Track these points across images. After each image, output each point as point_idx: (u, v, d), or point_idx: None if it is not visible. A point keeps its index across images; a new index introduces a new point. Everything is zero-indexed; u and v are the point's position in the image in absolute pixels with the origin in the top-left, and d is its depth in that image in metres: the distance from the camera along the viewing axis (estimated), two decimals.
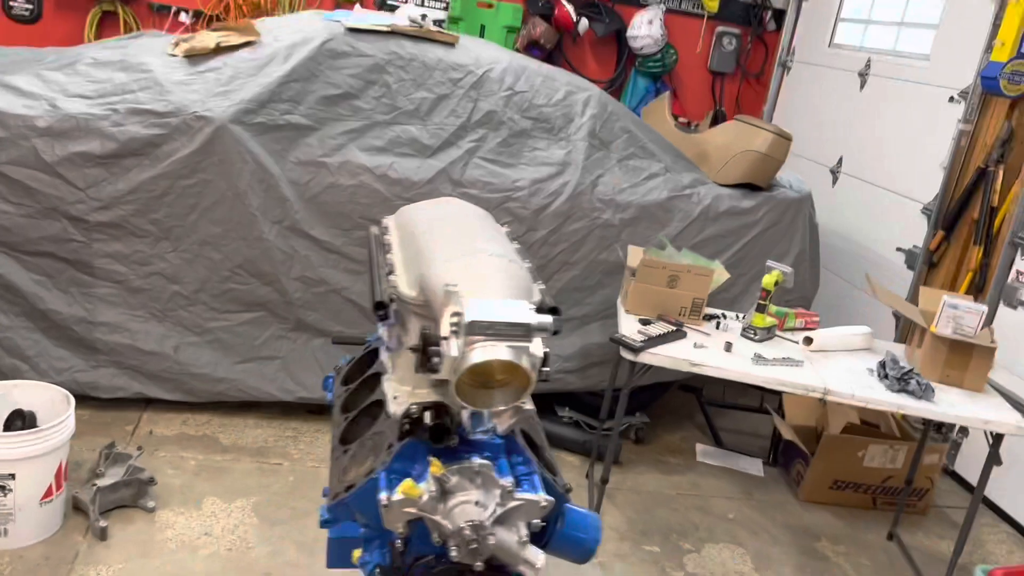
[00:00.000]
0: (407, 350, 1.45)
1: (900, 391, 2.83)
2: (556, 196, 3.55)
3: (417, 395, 1.45)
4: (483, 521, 1.31)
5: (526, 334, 1.19)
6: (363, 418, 1.66)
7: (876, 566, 3.30)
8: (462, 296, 1.22)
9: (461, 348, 1.19)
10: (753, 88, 6.28)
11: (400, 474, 1.43)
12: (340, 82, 3.44)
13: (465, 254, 1.33)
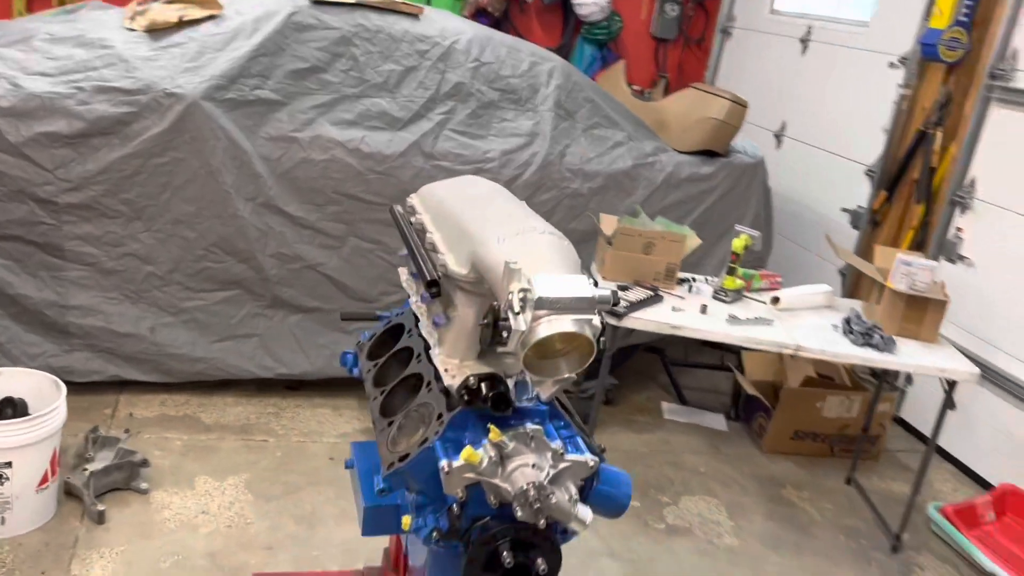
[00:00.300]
0: (457, 325, 1.51)
1: (865, 345, 3.01)
2: (526, 167, 3.61)
3: (466, 367, 1.51)
4: (543, 482, 1.39)
5: (590, 307, 1.27)
6: (399, 391, 1.72)
7: (838, 509, 3.52)
8: (525, 273, 1.29)
9: (529, 322, 1.26)
10: (695, 54, 6.41)
11: (453, 442, 1.50)
12: (307, 56, 3.41)
13: (519, 232, 1.39)
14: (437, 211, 1.70)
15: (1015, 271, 3.74)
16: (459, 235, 1.53)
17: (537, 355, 1.29)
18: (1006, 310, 3.75)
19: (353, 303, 3.56)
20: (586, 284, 1.28)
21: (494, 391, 1.42)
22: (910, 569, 3.18)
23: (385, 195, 3.46)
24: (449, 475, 1.42)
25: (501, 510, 1.48)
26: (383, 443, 1.59)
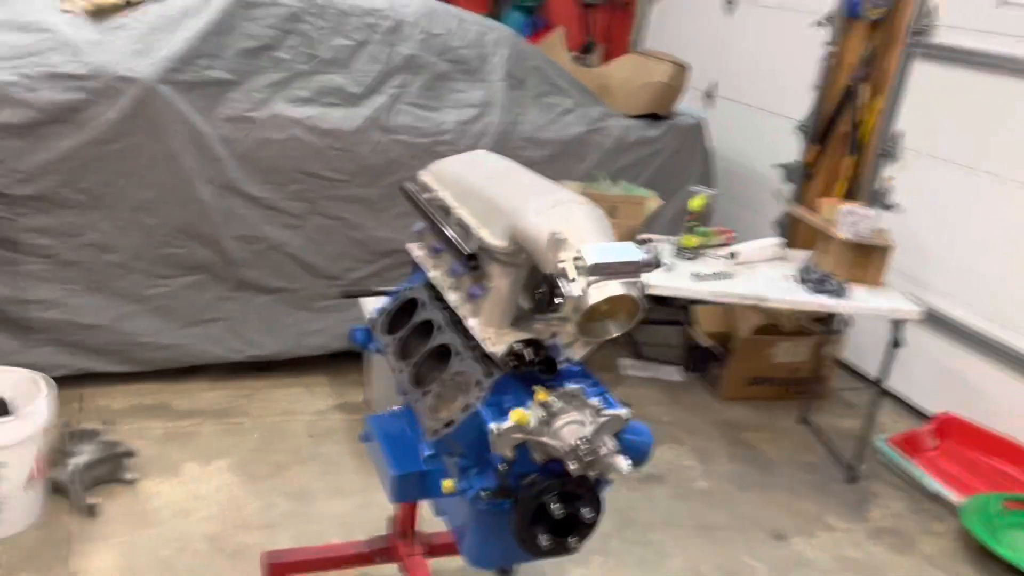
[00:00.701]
0: (494, 295, 1.58)
1: (820, 292, 3.20)
2: (482, 136, 3.66)
3: (504, 334, 1.58)
4: (591, 437, 1.48)
5: (636, 270, 1.36)
6: (428, 362, 1.78)
7: (794, 447, 3.74)
8: (572, 242, 1.37)
9: (584, 288, 1.33)
10: (621, 18, 6.52)
11: (495, 406, 1.57)
12: (258, 33, 3.37)
13: (556, 204, 1.46)
14: (457, 187, 1.75)
15: (942, 215, 4.00)
16: (490, 209, 1.59)
17: (586, 318, 1.37)
18: (936, 252, 4.01)
19: (318, 281, 3.56)
20: (632, 249, 1.36)
21: (542, 355, 1.50)
22: (865, 497, 3.42)
23: (345, 171, 3.46)
24: (500, 436, 1.49)
25: (545, 466, 1.57)
26: (423, 412, 1.65)
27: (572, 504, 1.57)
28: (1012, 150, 3.69)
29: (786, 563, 2.94)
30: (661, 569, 2.81)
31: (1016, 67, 3.66)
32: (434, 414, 1.62)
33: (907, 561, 3.05)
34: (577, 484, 1.57)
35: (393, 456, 1.92)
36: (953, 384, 3.95)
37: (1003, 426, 3.69)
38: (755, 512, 3.21)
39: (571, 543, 1.59)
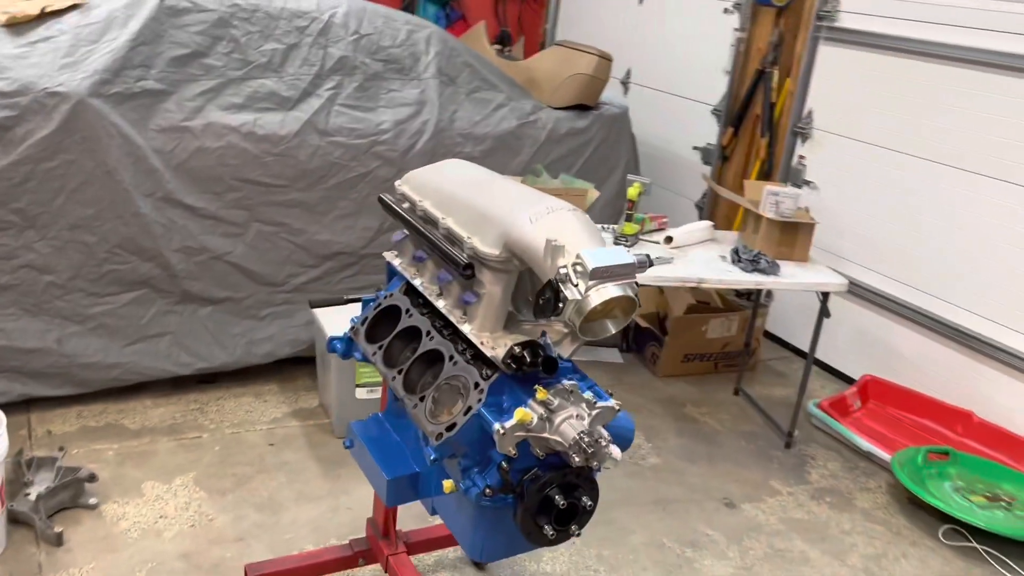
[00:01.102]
0: (487, 301, 1.64)
1: (754, 270, 3.38)
2: (420, 135, 3.69)
3: (500, 338, 1.66)
4: (589, 430, 1.57)
5: (632, 272, 1.45)
6: (417, 367, 1.84)
7: (733, 417, 3.94)
8: (569, 249, 1.45)
9: (584, 292, 1.42)
10: (532, 8, 6.61)
11: (494, 406, 1.65)
12: (187, 41, 3.31)
13: (548, 212, 1.53)
14: (440, 197, 1.81)
15: (853, 190, 4.26)
16: (479, 218, 1.65)
17: (587, 319, 1.46)
18: (851, 225, 4.27)
19: (262, 289, 3.55)
20: (625, 252, 1.45)
21: (543, 356, 1.58)
22: (803, 460, 3.65)
23: (284, 176, 3.45)
24: (504, 436, 1.57)
25: (544, 460, 1.66)
26: (421, 417, 1.71)
27: (572, 494, 1.66)
28: (913, 126, 3.95)
29: (739, 529, 3.12)
30: (625, 545, 2.95)
31: (913, 48, 3.92)
32: (434, 418, 1.69)
33: (847, 517, 3.27)
34: (576, 475, 1.66)
35: (383, 461, 1.98)
36: (872, 348, 4.23)
37: (920, 384, 3.98)
38: (705, 483, 3.38)
39: (573, 530, 1.68)
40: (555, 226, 1.51)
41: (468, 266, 1.62)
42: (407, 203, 1.93)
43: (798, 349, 4.64)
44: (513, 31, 6.52)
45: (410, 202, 1.91)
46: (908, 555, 3.08)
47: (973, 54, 3.68)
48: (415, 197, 1.89)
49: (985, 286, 3.73)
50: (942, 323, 3.90)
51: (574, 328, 1.47)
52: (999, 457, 3.57)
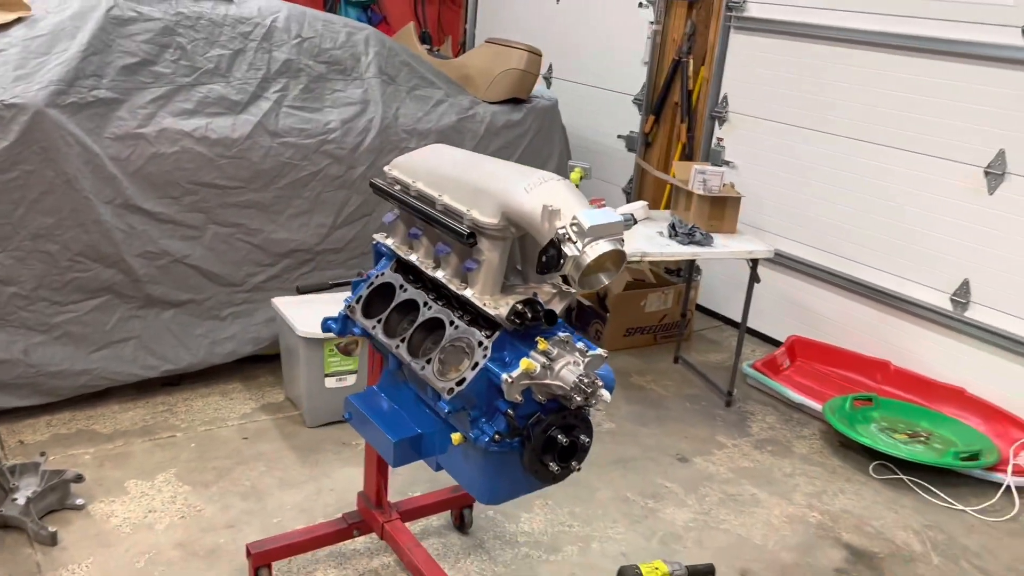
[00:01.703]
0: (486, 266, 1.83)
1: (690, 243, 3.66)
2: (366, 133, 3.84)
3: (500, 299, 1.84)
4: (587, 372, 1.78)
5: (621, 229, 1.66)
6: (417, 335, 2.01)
7: (676, 382, 4.22)
8: (565, 212, 1.65)
9: (582, 248, 1.62)
10: (451, 8, 6.80)
11: (498, 360, 1.83)
12: (135, 50, 3.38)
13: (540, 182, 1.73)
14: (432, 177, 1.98)
15: (769, 166, 4.61)
16: (475, 192, 1.83)
17: (584, 273, 1.67)
18: (768, 199, 4.61)
19: (223, 289, 3.63)
20: (614, 213, 1.66)
21: (544, 310, 1.78)
22: (744, 416, 3.95)
23: (238, 178, 3.54)
24: (512, 384, 1.76)
25: (545, 405, 1.85)
26: (430, 376, 1.89)
27: (571, 433, 1.86)
28: (820, 104, 4.31)
29: (694, 479, 3.38)
30: (594, 501, 3.17)
31: (816, 33, 4.27)
32: (443, 377, 1.86)
33: (788, 462, 3.58)
34: (574, 416, 1.87)
35: (386, 426, 2.14)
36: (796, 311, 4.58)
37: (842, 340, 4.34)
38: (659, 442, 3.64)
39: (574, 465, 1.88)
40: (549, 194, 1.71)
41: (471, 235, 1.80)
42: (399, 186, 2.09)
43: (728, 318, 4.97)
44: (434, 32, 6.70)
45: (402, 184, 2.07)
46: (845, 490, 3.40)
47: (870, 36, 4.06)
48: (407, 179, 2.05)
49: (894, 247, 4.11)
50: (858, 283, 4.27)
51: (573, 281, 1.67)
52: (915, 399, 3.95)
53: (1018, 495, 3.43)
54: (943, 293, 3.94)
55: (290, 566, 2.66)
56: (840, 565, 2.94)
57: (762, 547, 3.00)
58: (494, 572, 2.73)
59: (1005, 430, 3.68)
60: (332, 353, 3.38)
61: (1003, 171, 3.66)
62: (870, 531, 3.14)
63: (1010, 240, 3.67)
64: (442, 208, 1.91)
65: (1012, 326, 3.71)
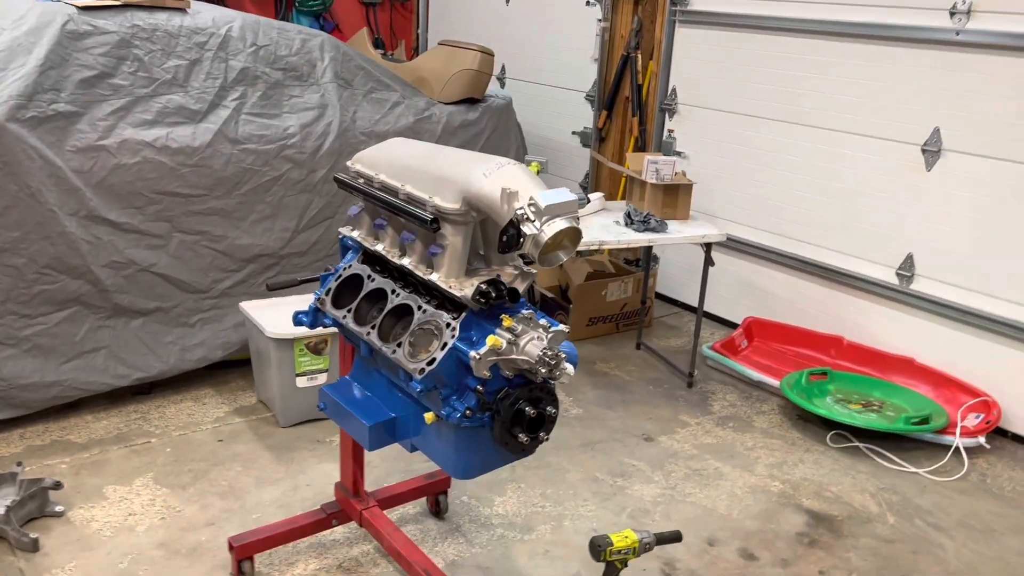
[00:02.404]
0: (450, 251, 1.92)
1: (646, 230, 3.79)
2: (325, 136, 3.91)
3: (465, 281, 1.94)
4: (550, 346, 1.87)
5: (575, 207, 1.77)
6: (386, 321, 2.09)
7: (639, 367, 4.35)
8: (522, 193, 1.75)
9: (540, 227, 1.72)
10: (402, 14, 6.88)
11: (466, 340, 1.93)
12: (92, 63, 3.41)
13: (497, 167, 1.82)
14: (394, 169, 2.07)
15: (718, 155, 4.76)
16: (437, 180, 1.93)
17: (543, 251, 1.77)
18: (718, 187, 4.76)
19: (190, 296, 3.67)
20: (568, 192, 1.77)
21: (507, 288, 1.88)
22: (705, 396, 4.09)
23: (200, 186, 3.59)
24: (479, 361, 1.86)
25: (511, 380, 1.95)
26: (402, 359, 1.98)
27: (539, 405, 1.96)
28: (765, 92, 4.47)
29: (660, 457, 3.50)
30: (564, 482, 3.27)
31: (758, 23, 4.44)
32: (414, 359, 1.95)
33: (749, 437, 3.72)
34: (540, 389, 1.97)
35: (361, 412, 2.22)
36: (751, 294, 4.74)
37: (796, 319, 4.50)
38: (624, 424, 3.76)
39: (542, 436, 1.98)
40: (506, 177, 1.81)
41: (434, 220, 1.90)
42: (362, 179, 2.18)
43: (686, 304, 5.12)
44: (386, 37, 6.77)
45: (365, 178, 2.16)
46: (804, 460, 3.55)
47: (808, 25, 4.22)
48: (369, 172, 2.14)
49: (840, 226, 4.28)
50: (808, 263, 4.43)
51: (532, 259, 1.77)
52: (868, 371, 4.12)
53: (967, 455, 3.60)
54: (889, 268, 4.12)
55: (271, 559, 2.73)
56: (802, 529, 3.07)
57: (727, 516, 3.12)
58: (471, 554, 2.82)
59: (953, 395, 3.86)
60: (302, 352, 3.45)
61: (939, 148, 3.84)
62: (829, 496, 3.29)
63: (949, 214, 3.85)
64: (405, 197, 2.00)
65: (955, 296, 3.89)
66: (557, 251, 1.81)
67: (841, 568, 2.86)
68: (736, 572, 2.81)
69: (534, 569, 2.76)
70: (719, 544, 2.95)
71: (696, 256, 4.11)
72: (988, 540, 3.08)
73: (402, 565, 2.52)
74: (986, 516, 3.23)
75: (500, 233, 1.76)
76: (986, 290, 3.78)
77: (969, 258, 3.81)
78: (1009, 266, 3.69)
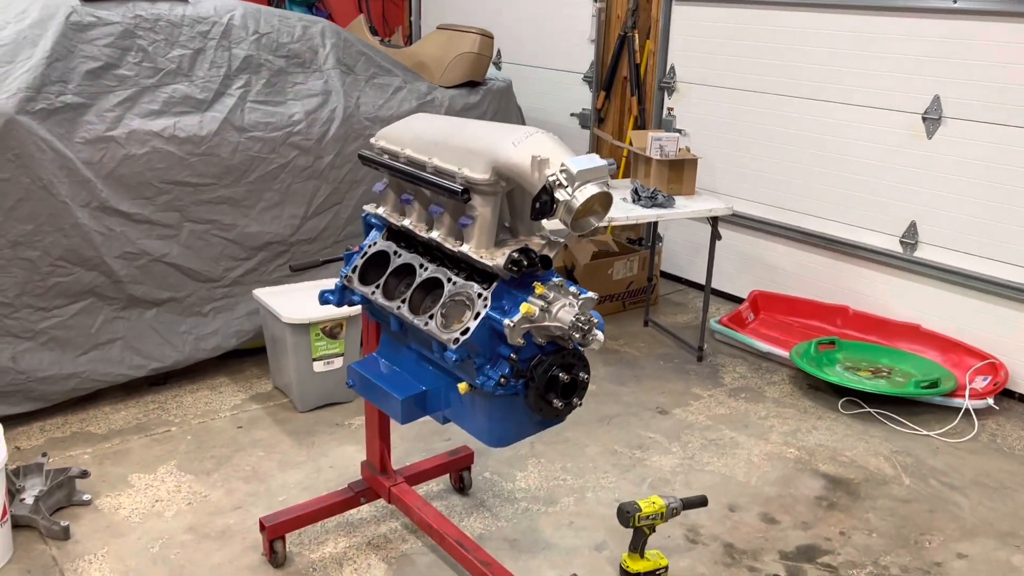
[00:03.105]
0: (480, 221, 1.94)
1: (654, 206, 3.82)
2: (330, 123, 3.92)
3: (496, 251, 1.96)
4: (583, 314, 1.90)
5: (605, 173, 1.79)
6: (417, 294, 2.12)
7: (648, 344, 4.39)
8: (552, 161, 1.77)
9: (572, 193, 1.75)
10: (394, 2, 6.87)
11: (498, 309, 1.95)
12: (97, 54, 3.41)
13: (526, 136, 1.85)
14: (420, 144, 2.08)
15: (718, 131, 4.79)
16: (464, 152, 1.95)
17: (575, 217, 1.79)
18: (720, 163, 4.80)
19: (202, 286, 3.69)
20: (598, 158, 1.79)
21: (539, 256, 1.90)
22: (715, 369, 4.13)
23: (209, 175, 3.60)
24: (513, 329, 1.88)
25: (544, 347, 1.98)
26: (435, 331, 2.00)
27: (571, 371, 1.99)
28: (763, 66, 4.50)
29: (676, 429, 3.54)
30: (584, 456, 3.31)
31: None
32: (447, 330, 1.98)
33: (762, 406, 3.76)
34: (572, 355, 1.99)
35: (392, 386, 2.25)
36: (756, 268, 4.78)
37: (801, 290, 4.55)
38: (638, 399, 3.80)
39: (575, 401, 2.01)
40: (536, 145, 1.83)
41: (465, 191, 1.92)
42: (387, 155, 2.19)
43: (692, 281, 5.15)
44: (379, 26, 6.76)
45: (390, 153, 2.18)
46: (817, 427, 3.60)
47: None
48: (394, 148, 2.16)
49: (843, 197, 4.32)
50: (812, 235, 4.48)
51: (566, 224, 1.80)
52: (875, 339, 4.17)
53: (976, 417, 3.66)
54: (892, 236, 4.16)
55: (301, 538, 2.75)
56: (820, 493, 3.12)
57: (746, 483, 3.16)
58: (498, 527, 2.86)
59: (960, 359, 3.91)
60: (318, 337, 3.47)
61: (939, 115, 3.88)
62: (845, 461, 3.34)
63: (951, 181, 3.90)
64: (433, 170, 2.02)
65: (959, 261, 3.94)
66: (588, 217, 1.83)
67: (861, 528, 2.91)
68: (759, 536, 2.85)
69: (560, 539, 2.79)
70: (740, 510, 2.99)
71: (699, 233, 4.15)
72: (1002, 496, 3.13)
73: (434, 538, 2.55)
74: (998, 474, 3.28)
75: (532, 201, 1.79)
76: (989, 254, 3.83)
77: (972, 223, 3.86)
78: (1011, 230, 3.74)
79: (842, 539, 2.84)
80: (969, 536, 2.89)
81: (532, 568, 2.65)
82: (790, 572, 2.67)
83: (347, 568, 2.62)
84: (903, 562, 2.74)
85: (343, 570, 2.61)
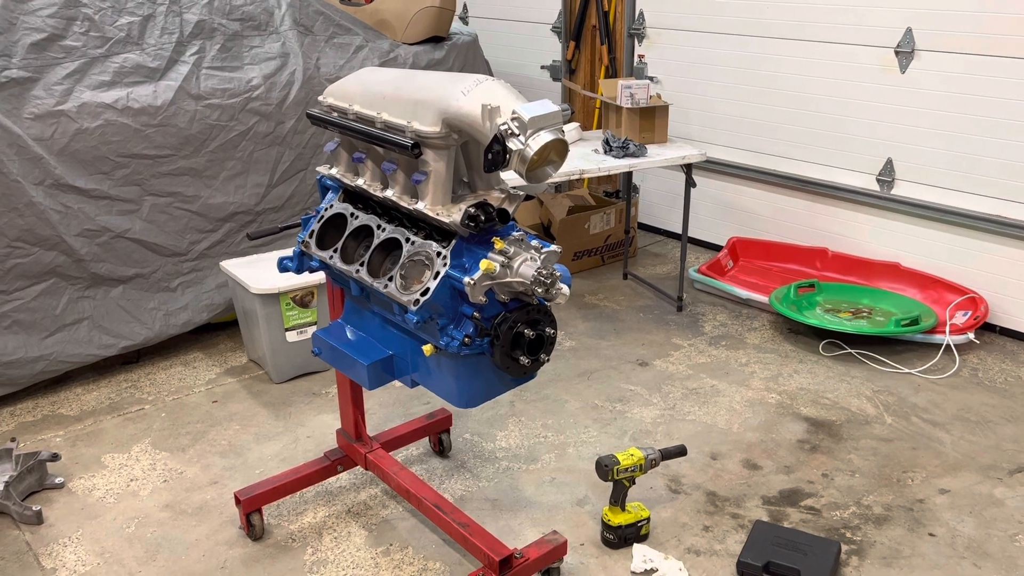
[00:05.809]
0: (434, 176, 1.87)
1: (625, 156, 3.74)
2: (290, 86, 3.81)
3: (450, 208, 1.89)
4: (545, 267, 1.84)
5: (559, 119, 1.72)
6: (376, 256, 2.05)
7: (627, 297, 4.34)
8: (503, 108, 1.70)
9: (525, 141, 1.68)
10: None
11: (458, 267, 1.89)
12: (41, 25, 3.29)
13: (475, 84, 1.77)
14: (368, 98, 2.00)
15: (689, 76, 4.70)
16: (413, 105, 1.87)
17: (530, 167, 1.72)
18: (694, 109, 4.71)
19: (168, 260, 3.61)
20: (551, 104, 1.72)
21: (497, 210, 1.84)
22: (695, 318, 4.09)
23: (167, 146, 3.50)
24: (474, 287, 1.82)
25: (507, 304, 1.92)
26: (394, 293, 1.94)
27: (537, 327, 1.94)
28: (730, 7, 4.40)
29: (656, 380, 3.51)
30: (564, 412, 3.28)
31: None
32: (407, 292, 1.91)
33: (743, 353, 3.73)
34: (537, 311, 1.94)
35: (357, 352, 2.19)
36: (733, 214, 4.72)
37: (779, 235, 4.50)
38: (617, 352, 3.76)
39: (543, 358, 1.96)
40: (486, 93, 1.75)
41: (416, 145, 1.84)
42: (336, 112, 2.11)
43: (669, 231, 5.10)
44: None
45: (339, 111, 2.10)
46: (799, 371, 3.57)
47: None
48: (343, 104, 2.08)
49: (818, 138, 4.25)
50: (788, 178, 4.42)
51: (521, 174, 1.73)
52: (854, 279, 4.14)
53: (957, 352, 3.64)
54: (869, 175, 4.11)
55: (279, 510, 2.72)
56: (802, 436, 3.10)
57: (727, 431, 3.14)
58: (479, 487, 2.83)
59: (940, 295, 3.88)
60: (289, 307, 3.40)
61: (912, 48, 3.80)
62: (826, 403, 3.32)
63: (925, 115, 3.83)
64: (383, 125, 1.94)
65: (935, 197, 3.89)
66: (545, 167, 1.77)
67: (843, 470, 2.89)
68: (741, 482, 2.83)
69: (542, 496, 2.77)
70: (722, 457, 2.97)
71: (676, 183, 4.09)
72: (983, 430, 3.12)
73: (412, 502, 2.52)
74: (980, 408, 3.27)
75: (484, 151, 1.71)
76: (966, 188, 3.78)
77: (948, 157, 3.81)
78: (988, 162, 3.69)
79: (825, 481, 2.83)
80: (951, 471, 2.88)
81: (514, 527, 2.62)
82: (773, 517, 2.65)
83: (327, 536, 2.59)
84: (886, 501, 2.73)
85: (323, 539, 2.58)
